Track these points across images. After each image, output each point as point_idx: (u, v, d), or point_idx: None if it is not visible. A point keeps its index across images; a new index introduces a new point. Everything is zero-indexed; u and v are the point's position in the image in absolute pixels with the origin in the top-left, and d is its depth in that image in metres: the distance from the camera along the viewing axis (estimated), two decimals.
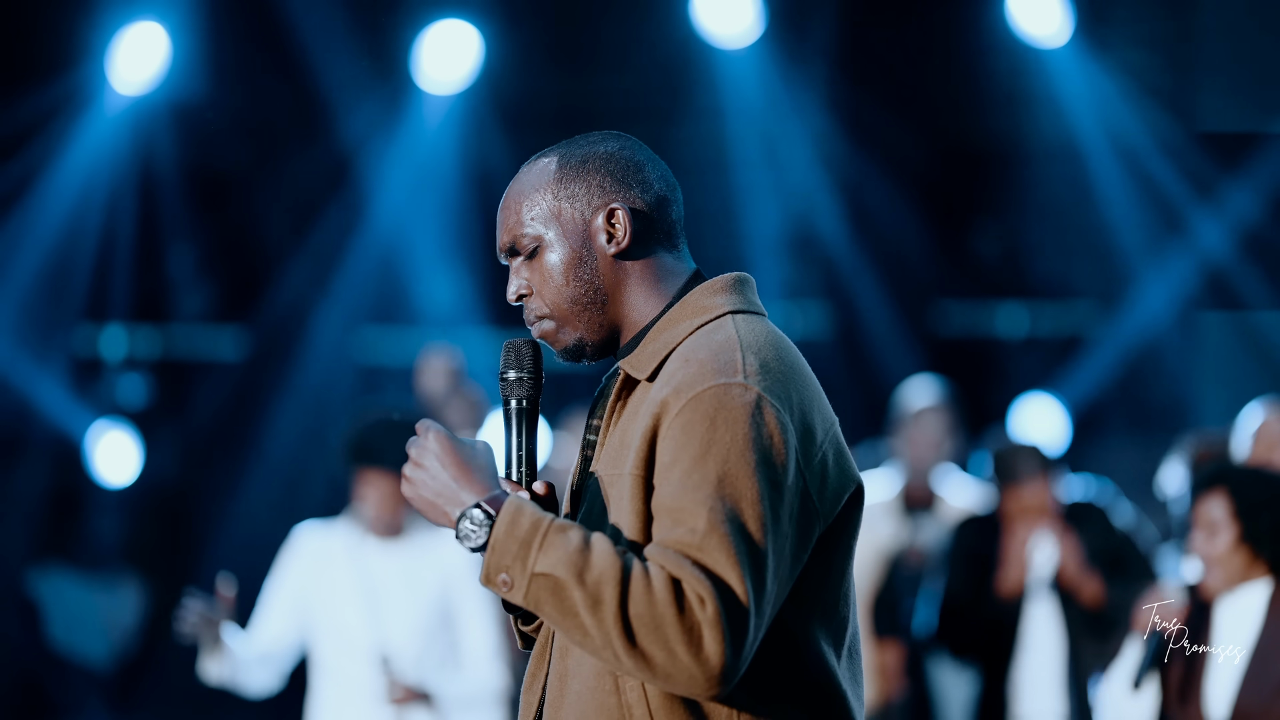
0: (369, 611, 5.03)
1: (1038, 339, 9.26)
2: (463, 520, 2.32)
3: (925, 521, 6.55)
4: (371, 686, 5.00)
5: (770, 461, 2.27)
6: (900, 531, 6.49)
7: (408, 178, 8.44)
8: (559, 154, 2.51)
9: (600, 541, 2.26)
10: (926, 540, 6.45)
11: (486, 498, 2.33)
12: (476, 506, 2.32)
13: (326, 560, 5.12)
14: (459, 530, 2.32)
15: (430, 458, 2.37)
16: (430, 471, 2.37)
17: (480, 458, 2.39)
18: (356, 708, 5.02)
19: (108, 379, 9.27)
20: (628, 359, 2.45)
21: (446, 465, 2.36)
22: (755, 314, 2.46)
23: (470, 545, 2.31)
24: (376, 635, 5.01)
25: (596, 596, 2.22)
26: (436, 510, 2.37)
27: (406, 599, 5.04)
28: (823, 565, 2.37)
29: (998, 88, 8.37)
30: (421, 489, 2.38)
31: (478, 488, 2.35)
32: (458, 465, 2.36)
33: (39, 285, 8.27)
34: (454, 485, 2.35)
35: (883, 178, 8.68)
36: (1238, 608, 4.21)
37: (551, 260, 2.47)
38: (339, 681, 5.07)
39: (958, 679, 6.32)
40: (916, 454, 6.63)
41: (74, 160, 7.97)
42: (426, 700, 5.00)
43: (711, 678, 2.21)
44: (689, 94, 8.28)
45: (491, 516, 2.31)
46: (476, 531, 2.31)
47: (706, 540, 2.23)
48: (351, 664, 5.03)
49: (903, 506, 6.60)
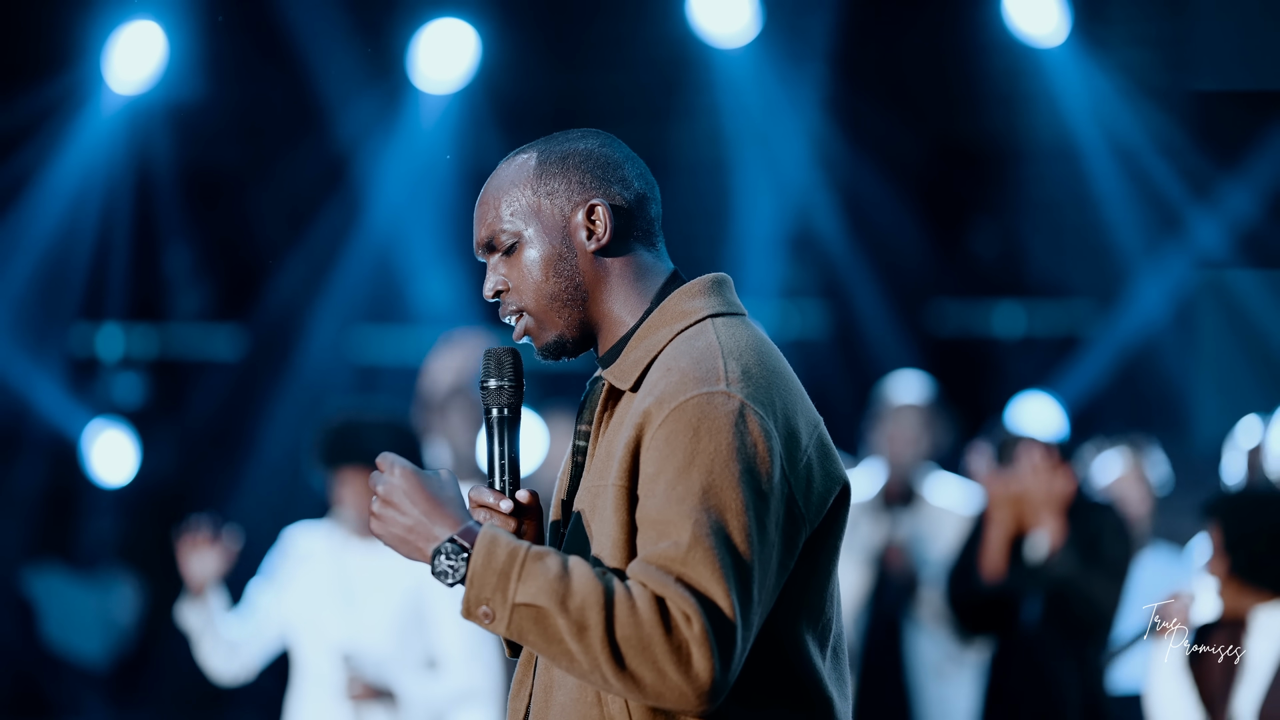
0: (342, 610, 5.05)
1: (1034, 338, 9.26)
2: (438, 557, 2.29)
3: (905, 519, 6.51)
4: (331, 682, 5.04)
5: (754, 470, 2.26)
6: (879, 529, 6.45)
7: (404, 177, 8.44)
8: (538, 150, 2.49)
9: (579, 566, 2.24)
10: (905, 538, 6.42)
11: (459, 530, 2.30)
12: (450, 541, 2.29)
13: (308, 559, 5.16)
14: (435, 566, 2.29)
15: (399, 494, 2.34)
16: (400, 508, 2.34)
17: (448, 489, 2.36)
18: (322, 704, 5.05)
19: (104, 378, 9.27)
20: (611, 369, 2.43)
21: (416, 501, 2.33)
22: (735, 315, 2.44)
23: (448, 581, 2.29)
24: (346, 633, 5.04)
25: (581, 623, 2.21)
26: (409, 547, 2.34)
27: (379, 599, 5.06)
28: (808, 567, 2.36)
29: (994, 87, 8.36)
30: (391, 526, 2.35)
31: (449, 521, 2.32)
32: (427, 500, 2.33)
33: (35, 284, 8.26)
34: (425, 521, 2.32)
35: (879, 177, 8.68)
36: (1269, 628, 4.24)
37: (530, 256, 2.45)
38: (311, 678, 5.11)
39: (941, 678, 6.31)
40: (895, 450, 6.57)
41: (70, 159, 7.96)
42: (389, 699, 5.01)
43: (701, 694, 2.20)
44: (685, 93, 8.27)
45: (466, 550, 2.28)
46: (454, 566, 2.28)
47: (691, 554, 2.21)
48: (323, 661, 5.07)
49: (882, 503, 6.55)
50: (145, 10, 7.61)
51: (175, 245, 8.84)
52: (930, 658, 6.31)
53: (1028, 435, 5.97)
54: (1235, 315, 8.31)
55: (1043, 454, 5.78)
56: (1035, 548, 5.80)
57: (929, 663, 6.31)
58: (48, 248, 8.17)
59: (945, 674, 6.30)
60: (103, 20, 7.60)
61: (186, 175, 8.54)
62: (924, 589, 6.32)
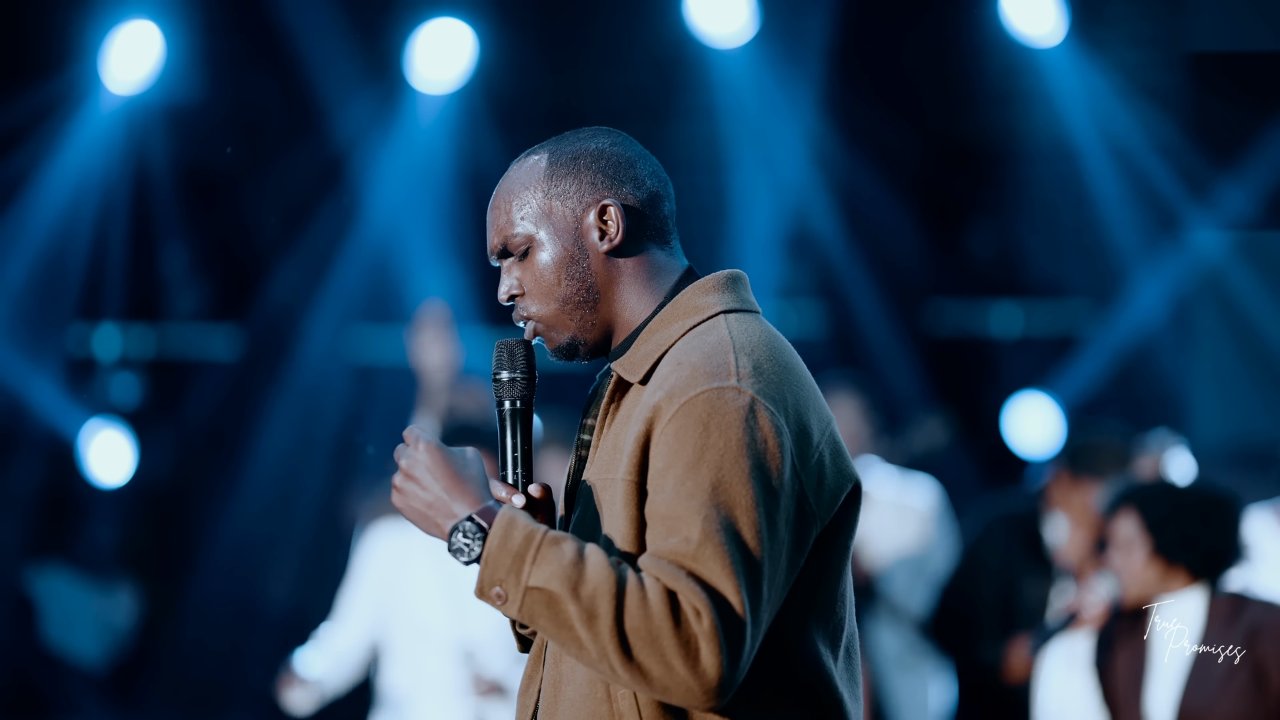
0: (452, 607, 5.03)
1: (1032, 338, 9.26)
2: (455, 534, 2.29)
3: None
4: (452, 681, 5.03)
5: (764, 466, 2.25)
6: None
7: (401, 177, 8.43)
8: (548, 151, 2.47)
9: (594, 554, 2.24)
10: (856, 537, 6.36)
11: (479, 510, 2.31)
12: (469, 519, 2.29)
13: (405, 558, 5.13)
14: (451, 544, 2.29)
15: (421, 469, 2.34)
16: (421, 483, 2.34)
17: (471, 468, 2.36)
18: (437, 701, 5.05)
19: (101, 378, 9.27)
20: (620, 361, 2.42)
21: (438, 477, 2.33)
22: (748, 312, 2.43)
23: (464, 559, 2.29)
24: (459, 630, 5.02)
25: (592, 610, 2.20)
26: (428, 522, 2.34)
27: None
28: (819, 566, 2.34)
29: (992, 87, 8.37)
30: (412, 500, 2.35)
31: (470, 499, 2.32)
32: (449, 477, 2.33)
33: (32, 284, 8.25)
34: (445, 497, 2.33)
35: (877, 177, 8.68)
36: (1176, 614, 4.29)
37: (543, 259, 2.44)
38: (417, 677, 5.09)
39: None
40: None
41: (67, 159, 7.95)
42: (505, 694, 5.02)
43: (709, 690, 2.19)
44: (683, 93, 8.27)
45: (484, 529, 2.28)
46: (470, 545, 2.28)
47: (701, 550, 2.20)
48: (432, 659, 5.06)
49: None
50: (142, 10, 7.60)
51: (172, 245, 8.84)
52: (892, 650, 6.31)
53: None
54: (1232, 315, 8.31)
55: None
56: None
57: (891, 655, 6.30)
58: (45, 247, 8.17)
59: (908, 665, 6.30)
60: (100, 20, 7.59)
61: (183, 175, 8.54)
62: (880, 584, 6.28)
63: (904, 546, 6.28)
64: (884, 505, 6.39)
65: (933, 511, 6.41)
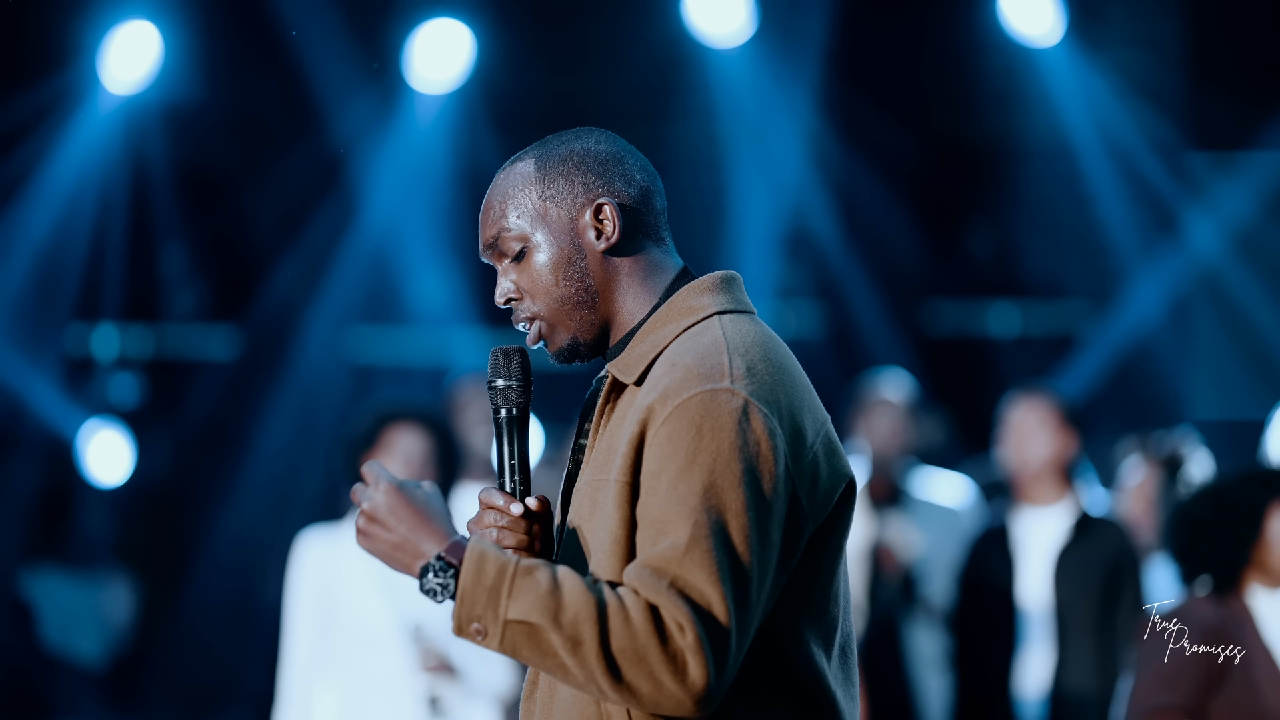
0: (390, 598, 5.00)
1: (1030, 338, 9.26)
2: (426, 574, 2.26)
3: (893, 517, 6.45)
4: (398, 671, 4.99)
5: (757, 469, 2.24)
6: (868, 529, 6.39)
7: (399, 177, 8.44)
8: (535, 154, 2.46)
9: (569, 579, 2.22)
10: (895, 537, 6.38)
11: (446, 546, 2.27)
12: (438, 558, 2.25)
13: (337, 561, 5.10)
14: (424, 585, 2.26)
15: (384, 510, 2.30)
16: (385, 524, 2.30)
17: (434, 503, 2.32)
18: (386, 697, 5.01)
19: (99, 378, 9.26)
20: (615, 362, 2.41)
21: (402, 518, 2.29)
22: (743, 313, 2.42)
23: (438, 600, 2.26)
24: (401, 616, 4.99)
25: (575, 637, 2.19)
26: (397, 563, 2.31)
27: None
28: (812, 566, 2.34)
29: (990, 87, 8.37)
30: (377, 543, 2.31)
31: (436, 536, 2.28)
32: (413, 515, 2.29)
33: (31, 284, 8.25)
34: (412, 537, 2.29)
35: (875, 177, 8.68)
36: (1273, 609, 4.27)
37: (540, 261, 2.42)
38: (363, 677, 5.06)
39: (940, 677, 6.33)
40: (876, 443, 6.48)
41: (66, 159, 7.96)
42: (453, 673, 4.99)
43: (698, 701, 2.19)
44: (681, 93, 8.28)
45: (454, 566, 2.25)
46: (443, 584, 2.25)
47: (689, 555, 2.20)
48: (375, 657, 5.02)
49: (869, 502, 6.49)
50: (141, 10, 7.60)
51: (171, 245, 8.84)
52: (928, 652, 6.32)
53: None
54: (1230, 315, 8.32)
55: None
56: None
57: (928, 657, 6.31)
58: (43, 247, 8.17)
59: (945, 667, 6.30)
60: (98, 20, 7.60)
61: (182, 175, 8.54)
62: (918, 586, 6.30)
63: (941, 548, 6.27)
64: (925, 506, 6.40)
65: (969, 511, 6.42)
